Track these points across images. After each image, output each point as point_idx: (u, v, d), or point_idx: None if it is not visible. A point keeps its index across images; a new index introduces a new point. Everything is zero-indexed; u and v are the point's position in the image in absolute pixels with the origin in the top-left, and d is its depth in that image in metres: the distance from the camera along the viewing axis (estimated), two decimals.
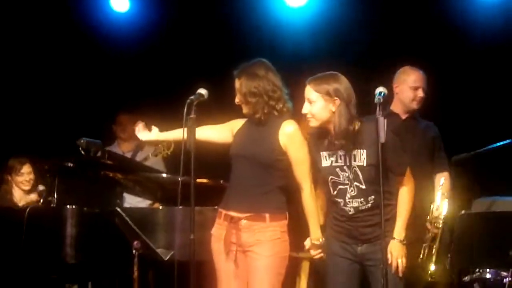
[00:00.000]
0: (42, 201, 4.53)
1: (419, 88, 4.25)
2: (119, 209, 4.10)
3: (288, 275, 3.81)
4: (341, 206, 3.49)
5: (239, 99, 3.59)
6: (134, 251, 4.00)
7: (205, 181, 4.21)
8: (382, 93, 3.38)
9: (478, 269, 4.78)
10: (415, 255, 4.00)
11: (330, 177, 3.49)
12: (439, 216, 4.11)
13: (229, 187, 3.64)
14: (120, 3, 6.13)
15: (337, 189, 3.49)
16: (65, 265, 4.31)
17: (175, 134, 3.69)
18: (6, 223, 4.41)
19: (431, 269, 4.01)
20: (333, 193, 3.50)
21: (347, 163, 3.46)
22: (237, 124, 3.68)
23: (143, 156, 5.42)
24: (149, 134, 3.79)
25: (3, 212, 4.63)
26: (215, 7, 6.00)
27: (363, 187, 3.44)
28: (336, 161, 3.48)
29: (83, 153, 4.35)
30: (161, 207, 4.69)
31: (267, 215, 3.50)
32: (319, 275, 4.58)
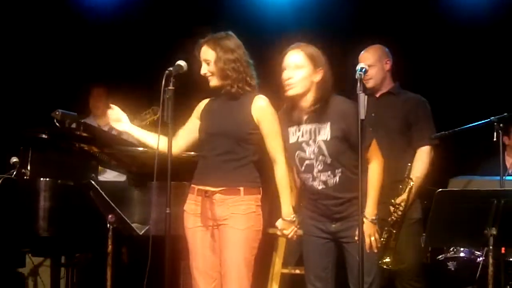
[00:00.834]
0: (15, 173, 4.45)
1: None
2: (93, 182, 4.04)
3: (264, 252, 3.82)
4: (310, 182, 3.49)
5: (211, 71, 3.54)
6: (108, 225, 3.96)
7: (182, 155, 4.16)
8: (363, 69, 3.36)
9: (452, 248, 4.85)
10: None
11: (297, 152, 3.48)
12: (401, 202, 4.06)
13: (200, 162, 3.61)
14: None
15: (304, 164, 3.48)
16: (38, 239, 4.25)
17: (148, 138, 3.64)
18: None
19: (386, 260, 3.97)
20: (301, 169, 3.50)
21: (312, 137, 3.45)
22: (201, 106, 3.67)
23: None
24: (122, 125, 3.71)
25: None
26: None
27: (329, 161, 3.43)
28: (302, 136, 3.48)
29: (58, 125, 4.28)
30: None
31: (242, 188, 3.49)
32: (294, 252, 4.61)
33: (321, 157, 3.44)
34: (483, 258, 4.49)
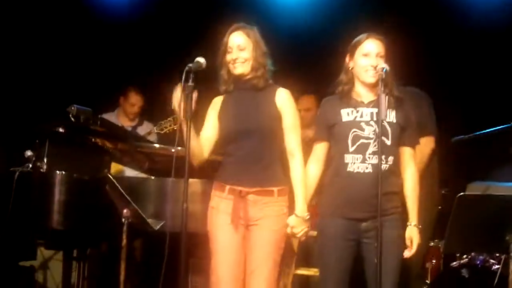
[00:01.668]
0: (30, 166, 4.43)
1: None
2: (110, 176, 4.02)
3: None
4: (356, 164, 3.41)
5: (245, 58, 3.49)
6: (123, 220, 3.94)
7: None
8: (384, 69, 3.36)
9: (466, 255, 4.80)
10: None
11: (352, 130, 3.43)
12: None
13: (227, 160, 3.55)
14: None
15: (358, 143, 3.42)
16: (52, 232, 4.24)
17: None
18: None
19: None
20: (351, 149, 3.42)
21: (374, 119, 3.43)
22: (217, 105, 3.61)
23: (145, 131, 5.37)
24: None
25: None
26: None
27: (388, 143, 3.40)
28: (361, 116, 3.45)
29: (73, 120, 4.27)
30: (153, 178, 4.60)
31: (275, 189, 3.47)
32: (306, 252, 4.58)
33: (382, 138, 3.37)
34: (498, 266, 4.44)
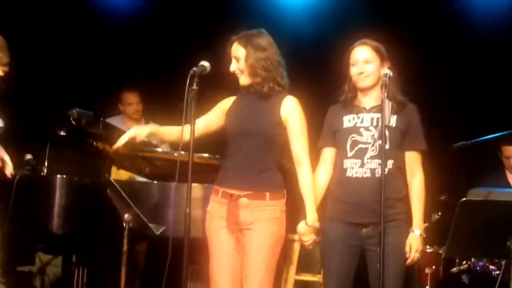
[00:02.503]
0: (31, 169, 4.42)
1: None
2: (112, 180, 4.02)
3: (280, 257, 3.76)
4: (355, 169, 3.44)
5: (240, 69, 3.50)
6: (124, 224, 3.93)
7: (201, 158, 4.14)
8: (387, 75, 3.39)
9: (466, 261, 4.80)
10: None
11: (351, 135, 3.47)
12: None
13: (225, 164, 3.55)
14: None
15: (356, 148, 3.46)
16: (52, 236, 4.24)
17: (173, 130, 3.52)
18: None
19: None
20: (350, 154, 3.46)
21: (373, 124, 3.46)
22: (228, 102, 3.62)
23: None
24: (141, 133, 3.52)
25: None
26: None
27: (387, 147, 3.40)
28: (361, 122, 3.49)
29: (74, 123, 4.26)
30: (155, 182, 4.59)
31: (268, 193, 3.45)
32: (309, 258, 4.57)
33: (379, 142, 3.40)
34: (499, 272, 4.45)
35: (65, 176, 4.25)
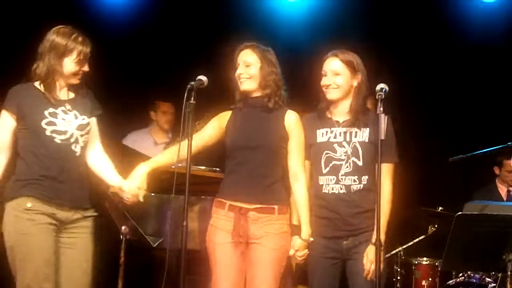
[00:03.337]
0: None
1: None
2: (110, 192, 4.01)
3: None
4: (330, 185, 3.47)
5: (250, 74, 3.54)
6: (121, 236, 3.94)
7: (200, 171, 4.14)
8: (383, 89, 3.38)
9: (462, 274, 4.81)
10: None
11: (325, 151, 3.50)
12: None
13: (230, 177, 3.57)
14: None
15: (331, 165, 3.49)
16: None
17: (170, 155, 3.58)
18: None
19: None
20: (324, 171, 3.49)
21: (346, 139, 3.49)
22: (225, 116, 3.64)
23: None
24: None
25: None
26: None
27: (360, 164, 3.44)
28: (334, 137, 3.51)
29: None
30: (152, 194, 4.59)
31: (276, 207, 3.50)
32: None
33: (353, 159, 3.44)
34: (494, 284, 4.46)
35: None
